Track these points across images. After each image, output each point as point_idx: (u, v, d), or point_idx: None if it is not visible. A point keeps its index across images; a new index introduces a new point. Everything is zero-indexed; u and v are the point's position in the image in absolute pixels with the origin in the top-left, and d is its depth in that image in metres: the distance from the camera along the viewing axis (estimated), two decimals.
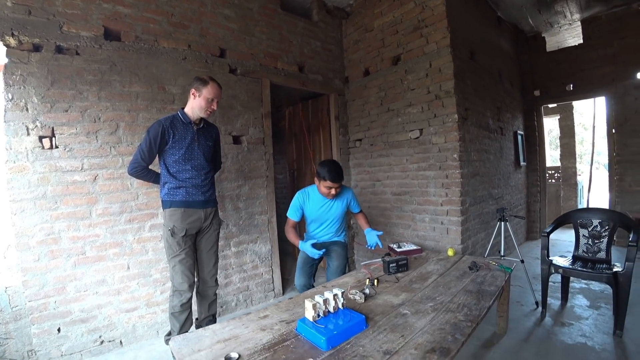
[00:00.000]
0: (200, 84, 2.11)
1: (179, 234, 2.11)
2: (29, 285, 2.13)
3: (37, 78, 2.17)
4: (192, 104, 2.15)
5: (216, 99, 2.15)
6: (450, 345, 1.38)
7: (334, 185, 2.36)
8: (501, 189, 4.18)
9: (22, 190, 2.12)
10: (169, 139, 2.09)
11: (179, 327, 2.15)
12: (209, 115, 2.20)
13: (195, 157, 2.19)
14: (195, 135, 2.19)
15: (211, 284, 2.35)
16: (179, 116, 2.16)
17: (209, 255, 2.32)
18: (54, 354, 2.20)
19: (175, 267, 2.13)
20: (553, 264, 2.66)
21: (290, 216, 2.51)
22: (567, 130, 6.56)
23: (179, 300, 2.13)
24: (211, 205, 2.29)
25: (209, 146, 2.30)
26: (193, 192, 2.17)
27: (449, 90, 3.10)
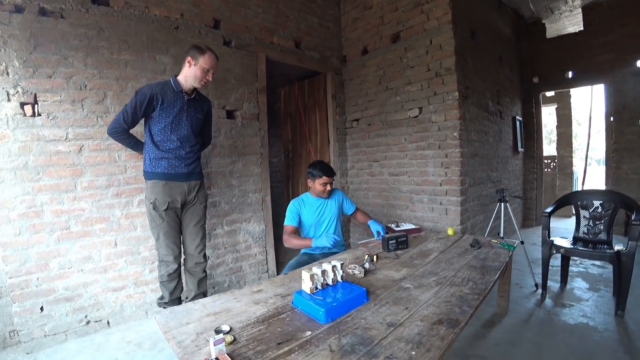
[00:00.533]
0: (197, 52, 2.02)
1: (161, 207, 2.07)
2: (10, 261, 2.02)
3: (18, 41, 2.03)
4: (186, 73, 2.06)
5: (212, 69, 2.07)
6: (458, 316, 1.31)
7: (329, 179, 2.40)
8: (499, 172, 4.13)
9: (2, 159, 1.99)
10: (157, 105, 2.01)
11: (168, 294, 2.18)
12: (203, 86, 2.12)
13: (181, 127, 2.11)
14: (185, 105, 2.11)
15: (199, 259, 2.28)
16: (171, 83, 2.07)
17: (195, 229, 2.25)
18: (37, 334, 2.09)
19: (159, 239, 2.12)
20: (554, 244, 2.62)
21: (288, 223, 2.41)
22: (564, 119, 6.53)
23: (166, 270, 2.14)
24: (195, 178, 2.22)
25: (199, 119, 2.22)
26: (176, 163, 2.10)
27: (450, 67, 3.01)
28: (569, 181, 6.45)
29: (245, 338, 1.19)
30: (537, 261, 3.29)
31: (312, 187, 2.45)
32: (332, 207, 2.52)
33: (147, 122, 2.07)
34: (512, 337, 2.10)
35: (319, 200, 2.49)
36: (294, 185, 4.41)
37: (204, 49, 2.04)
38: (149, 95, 1.97)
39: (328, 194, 2.46)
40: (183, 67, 2.08)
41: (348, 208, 2.63)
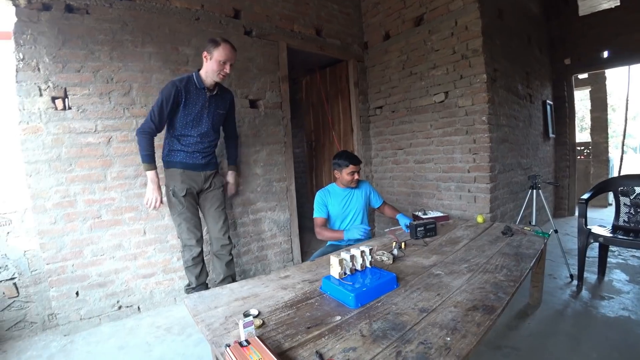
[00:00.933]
0: (211, 46, 2.01)
1: (180, 194, 2.12)
2: (47, 248, 2.11)
3: (47, 37, 2.10)
4: (205, 68, 2.07)
5: (229, 61, 2.05)
6: (493, 303, 1.25)
7: (356, 168, 2.36)
8: (530, 159, 3.95)
9: (37, 152, 2.07)
10: (181, 101, 2.03)
11: (194, 279, 2.23)
12: (222, 79, 2.11)
13: (202, 124, 2.15)
14: (206, 102, 2.13)
15: (224, 241, 2.32)
16: (194, 79, 2.08)
17: (217, 213, 2.30)
18: (73, 317, 2.18)
19: (180, 225, 2.17)
20: (592, 232, 2.47)
21: (318, 215, 2.39)
22: (599, 103, 6.14)
23: (190, 255, 2.19)
24: (211, 169, 2.28)
25: (220, 114, 2.25)
26: (194, 156, 2.17)
27: (477, 49, 2.88)
28: (604, 169, 6.09)
29: (273, 322, 1.18)
30: (571, 252, 3.14)
31: (340, 178, 2.41)
32: (358, 198, 2.47)
33: (169, 117, 2.09)
34: (546, 328, 2.01)
35: (345, 191, 2.44)
36: (317, 175, 4.39)
37: (219, 40, 2.02)
38: (174, 92, 1.99)
39: (357, 182, 2.41)
40: (202, 63, 2.08)
41: (375, 201, 2.57)
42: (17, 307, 2.15)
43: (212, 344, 1.08)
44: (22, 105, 2.03)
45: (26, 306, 2.18)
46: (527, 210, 2.98)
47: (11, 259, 2.12)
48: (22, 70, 2.03)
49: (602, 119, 6.20)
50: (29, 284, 2.18)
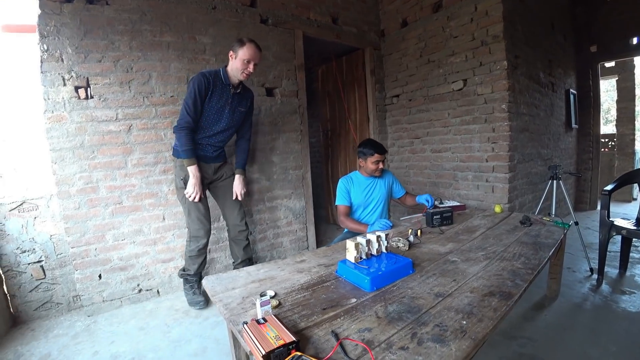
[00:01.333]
0: (236, 45, 2.06)
1: None
2: (71, 232, 2.19)
3: (70, 29, 2.15)
4: (230, 66, 2.11)
5: (253, 60, 2.08)
6: (510, 289, 1.24)
7: (381, 157, 2.33)
8: (551, 149, 3.83)
9: (61, 140, 2.14)
10: (209, 93, 2.06)
11: (195, 267, 2.27)
12: (245, 78, 2.15)
13: (222, 120, 2.18)
14: (230, 98, 2.16)
15: (241, 227, 2.37)
16: (221, 75, 2.11)
17: (232, 201, 2.36)
18: (96, 299, 2.27)
19: (190, 214, 2.19)
20: (614, 225, 2.40)
21: (341, 202, 2.37)
22: (626, 93, 5.88)
23: (196, 246, 2.23)
24: (220, 161, 2.33)
25: (241, 112, 2.28)
26: (206, 149, 2.20)
27: (498, 35, 2.79)
28: (629, 162, 5.86)
29: (289, 303, 1.20)
30: (592, 246, 3.06)
31: (364, 166, 2.38)
32: (381, 187, 2.45)
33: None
34: (564, 320, 1.98)
35: (369, 180, 2.43)
36: (333, 165, 4.38)
37: (244, 40, 2.06)
38: (204, 81, 2.02)
39: (381, 172, 2.39)
40: (228, 61, 2.12)
41: (398, 191, 2.55)
42: (44, 289, 2.25)
43: (230, 322, 1.11)
44: (46, 94, 2.10)
45: (52, 288, 2.28)
46: (546, 202, 2.91)
47: (38, 243, 2.22)
48: (47, 61, 2.09)
49: (629, 109, 5.94)
50: (55, 266, 2.28)
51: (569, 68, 4.50)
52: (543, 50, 3.61)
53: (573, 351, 1.68)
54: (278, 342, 0.87)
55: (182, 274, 2.33)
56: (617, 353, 1.64)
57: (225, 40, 2.69)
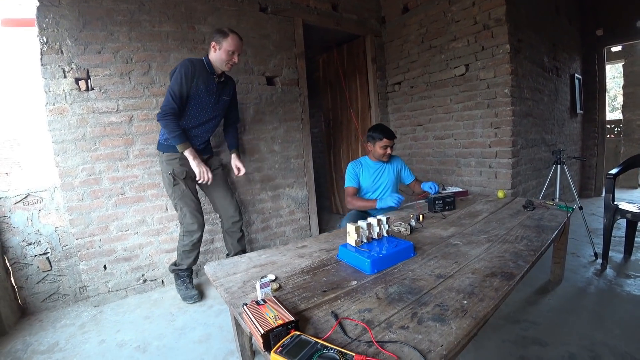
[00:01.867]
0: (220, 37, 2.03)
1: (180, 177, 2.13)
2: (76, 224, 2.21)
3: (69, 20, 2.14)
4: (213, 58, 2.08)
5: (237, 51, 2.07)
6: (512, 270, 1.24)
7: (390, 142, 2.34)
8: (555, 135, 3.79)
9: (63, 132, 2.15)
10: (194, 80, 2.03)
11: (189, 262, 2.25)
12: (229, 69, 2.13)
13: (207, 110, 2.16)
14: (214, 88, 2.14)
15: (235, 217, 2.36)
16: (205, 63, 2.09)
17: (222, 192, 2.35)
18: (102, 289, 2.30)
19: (182, 209, 2.17)
20: (619, 208, 2.37)
21: (350, 184, 2.37)
22: (633, 77, 5.75)
23: (190, 240, 2.20)
24: (207, 153, 2.31)
25: (225, 101, 2.26)
26: (193, 141, 2.15)
27: (500, 18, 2.74)
28: (636, 148, 5.74)
29: (290, 286, 1.21)
30: (597, 231, 3.03)
31: (372, 151, 2.40)
32: (389, 172, 2.47)
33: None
34: (567, 305, 1.97)
35: (377, 164, 2.45)
36: (335, 154, 4.37)
37: (227, 31, 2.04)
38: (191, 67, 1.99)
39: (388, 157, 2.41)
40: (209, 52, 2.09)
41: (407, 177, 2.56)
42: (51, 280, 2.28)
43: (231, 305, 1.12)
44: (47, 87, 2.10)
45: (59, 279, 2.31)
46: (550, 187, 2.89)
47: (44, 235, 2.24)
48: (47, 54, 2.09)
49: (636, 94, 5.82)
50: (61, 258, 2.31)
51: (574, 52, 4.42)
52: (547, 34, 3.54)
53: (576, 334, 1.67)
54: (277, 322, 0.87)
55: (174, 269, 2.30)
56: (621, 335, 1.64)
57: None
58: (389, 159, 2.44)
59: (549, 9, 3.64)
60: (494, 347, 1.62)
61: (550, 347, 1.58)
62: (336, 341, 0.86)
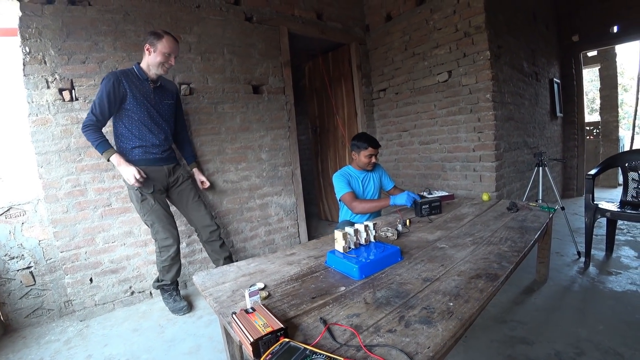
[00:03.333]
0: (154, 38, 1.98)
1: (147, 191, 2.07)
2: (60, 237, 2.17)
3: (52, 30, 2.12)
4: (147, 61, 2.03)
5: (173, 53, 2.04)
6: (497, 271, 1.27)
7: (375, 151, 2.35)
8: (536, 138, 3.90)
9: (47, 143, 2.12)
10: (126, 92, 1.97)
11: (171, 276, 2.20)
12: (166, 72, 2.10)
13: (153, 115, 2.10)
14: (151, 93, 2.09)
15: (212, 227, 2.32)
16: (135, 71, 2.04)
17: (195, 203, 2.30)
18: (88, 303, 2.25)
19: (154, 224, 2.11)
20: (599, 208, 2.45)
21: (346, 190, 2.28)
22: (609, 81, 6.00)
23: (168, 255, 2.15)
24: (172, 162, 2.25)
25: (169, 105, 2.21)
26: (152, 150, 2.11)
27: (480, 26, 2.83)
28: (614, 148, 5.97)
29: (279, 294, 1.21)
30: (579, 231, 3.13)
31: (357, 159, 2.39)
32: (374, 180, 2.48)
33: (118, 113, 2.04)
34: (553, 303, 2.02)
35: (362, 173, 2.45)
36: (323, 160, 4.39)
37: (161, 33, 2.00)
38: (113, 79, 1.93)
39: (373, 166, 2.41)
40: (143, 56, 2.04)
41: (387, 184, 2.57)
42: (35, 295, 2.22)
43: (220, 314, 1.12)
44: (30, 97, 2.07)
45: (43, 294, 2.25)
46: (534, 189, 2.96)
47: (27, 249, 2.19)
48: (29, 64, 2.06)
49: (612, 97, 6.05)
50: (45, 272, 2.26)
51: (552, 57, 4.57)
52: (526, 40, 3.66)
53: (562, 332, 1.71)
54: (266, 329, 0.88)
55: (158, 285, 2.25)
56: (604, 331, 1.68)
57: (210, 38, 2.69)
58: (373, 167, 2.45)
59: (526, 16, 3.77)
60: (483, 348, 1.64)
61: (537, 346, 1.61)
62: (325, 347, 0.87)
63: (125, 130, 2.05)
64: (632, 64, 13.76)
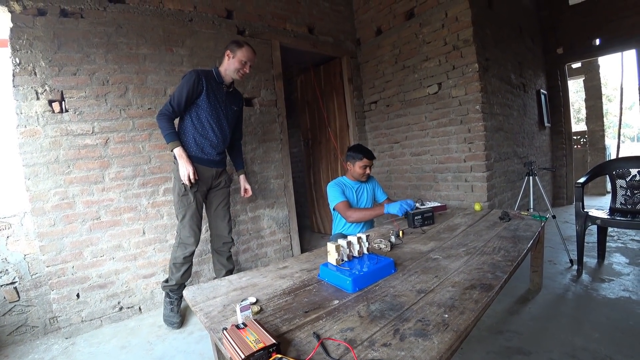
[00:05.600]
0: (235, 46, 2.14)
1: (192, 189, 2.12)
2: (47, 251, 2.11)
3: (43, 42, 2.12)
4: (225, 65, 2.17)
5: (249, 62, 2.18)
6: (491, 282, 1.26)
7: (370, 162, 2.36)
8: (526, 148, 3.96)
9: (35, 155, 2.08)
10: (203, 89, 2.09)
11: (179, 277, 2.18)
12: (241, 78, 2.21)
13: (219, 116, 2.20)
14: (224, 96, 2.21)
15: (227, 239, 2.36)
16: (214, 73, 2.17)
17: (223, 211, 2.35)
18: (75, 319, 2.18)
19: (184, 220, 2.14)
20: (590, 215, 2.48)
21: (340, 200, 2.27)
22: (594, 91, 6.17)
23: (183, 253, 2.15)
24: (222, 166, 2.31)
25: (234, 111, 2.32)
26: (208, 150, 2.19)
27: (468, 39, 2.90)
28: (601, 157, 6.11)
29: (271, 308, 1.19)
30: (571, 238, 3.16)
31: (351, 170, 2.38)
32: (368, 192, 2.48)
33: (189, 107, 2.12)
34: (548, 312, 2.02)
35: (356, 184, 2.44)
36: (315, 173, 4.39)
37: (242, 43, 2.16)
38: (195, 77, 2.05)
39: (367, 177, 2.41)
40: (223, 61, 2.18)
41: (380, 196, 2.56)
42: (19, 312, 2.15)
43: (210, 330, 1.09)
44: (19, 109, 2.04)
45: (27, 310, 2.18)
46: (525, 198, 2.99)
47: (11, 263, 2.13)
48: (19, 75, 2.05)
49: (597, 107, 6.22)
50: (30, 287, 2.19)
51: (539, 69, 4.69)
52: (513, 53, 3.76)
53: (558, 340, 1.71)
54: (258, 345, 0.86)
55: (165, 285, 2.25)
56: (599, 339, 1.68)
57: (203, 51, 2.71)
58: (368, 178, 2.45)
59: (513, 29, 3.87)
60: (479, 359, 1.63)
61: (534, 356, 1.60)
62: None
63: (190, 125, 2.13)
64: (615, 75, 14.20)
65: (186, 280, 2.25)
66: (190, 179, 2.03)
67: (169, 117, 2.06)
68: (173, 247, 2.22)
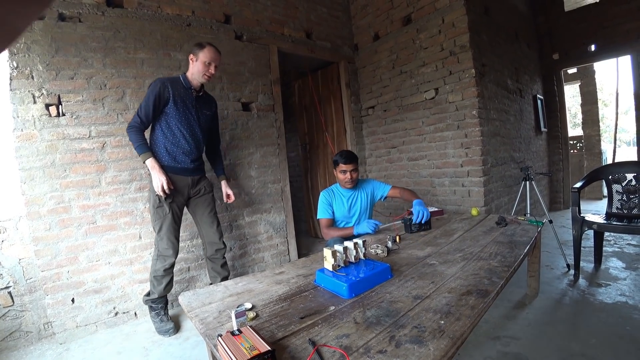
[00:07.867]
0: (196, 48, 2.09)
1: (167, 200, 2.07)
2: (42, 255, 2.10)
3: (41, 46, 2.12)
4: (191, 70, 2.13)
5: (214, 62, 2.11)
6: (487, 287, 1.26)
7: (347, 167, 2.27)
8: (522, 153, 3.98)
9: (31, 159, 2.08)
10: (169, 97, 2.04)
11: (161, 289, 2.14)
12: (207, 80, 2.14)
13: (191, 123, 2.15)
14: (194, 101, 2.16)
15: (219, 245, 2.31)
16: (181, 79, 2.12)
17: (210, 217, 2.30)
18: (69, 325, 2.16)
19: (161, 232, 2.10)
20: (586, 220, 2.49)
21: (323, 216, 2.31)
22: (589, 97, 6.23)
23: (162, 265, 2.12)
24: (199, 174, 2.26)
25: (207, 116, 2.27)
26: (182, 159, 2.13)
27: (464, 45, 2.93)
28: (597, 161, 6.15)
29: (267, 314, 1.18)
30: (567, 243, 3.16)
31: (337, 177, 2.37)
32: (362, 199, 2.41)
33: (158, 117, 2.08)
34: (545, 317, 2.01)
35: (349, 192, 2.40)
36: (312, 177, 4.39)
37: (203, 43, 2.10)
38: (159, 86, 2.01)
39: (352, 183, 2.33)
40: (189, 66, 2.14)
41: (382, 190, 2.46)
42: (12, 317, 2.13)
43: (206, 337, 1.08)
44: (15, 112, 2.04)
45: (21, 315, 2.16)
46: (521, 203, 3.00)
47: (6, 268, 2.11)
48: (16, 79, 2.04)
49: (593, 112, 6.27)
50: (24, 292, 2.17)
51: (535, 75, 4.72)
52: (509, 59, 3.79)
53: (556, 346, 1.70)
54: (253, 352, 0.85)
55: (147, 299, 2.20)
56: (597, 345, 1.68)
57: None
58: (354, 184, 2.36)
59: (509, 35, 3.90)
60: None
61: None
62: None
63: (161, 134, 2.09)
64: (611, 80, 14.34)
65: (169, 292, 2.21)
66: (165, 190, 1.99)
67: (138, 128, 2.01)
68: (152, 259, 2.17)
